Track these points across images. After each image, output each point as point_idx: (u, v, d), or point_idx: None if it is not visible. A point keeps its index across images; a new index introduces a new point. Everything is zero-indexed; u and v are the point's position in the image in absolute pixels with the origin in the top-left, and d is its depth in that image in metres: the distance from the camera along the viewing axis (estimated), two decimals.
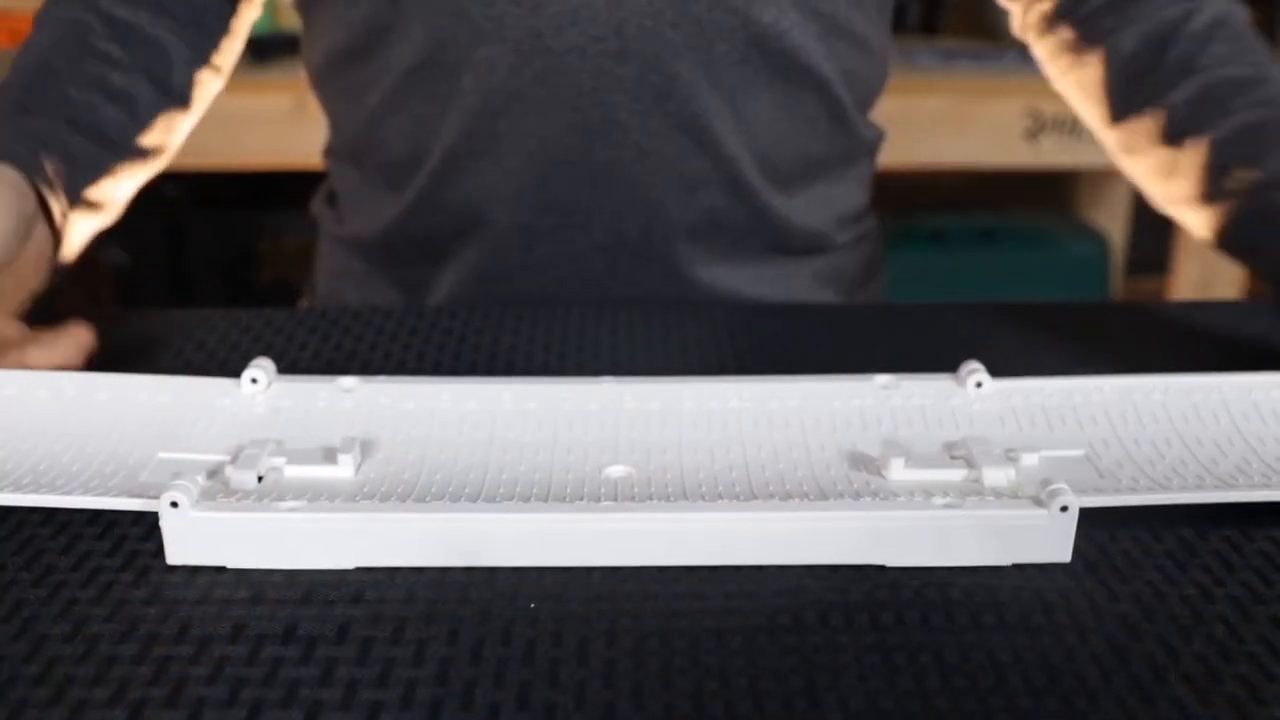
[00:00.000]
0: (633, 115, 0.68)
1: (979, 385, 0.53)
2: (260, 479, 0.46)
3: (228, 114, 1.67)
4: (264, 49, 1.63)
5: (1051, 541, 0.44)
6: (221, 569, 0.43)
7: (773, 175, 0.73)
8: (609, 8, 0.65)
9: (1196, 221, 0.66)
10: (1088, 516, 0.44)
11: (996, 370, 0.54)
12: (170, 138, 0.71)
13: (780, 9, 0.67)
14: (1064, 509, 0.43)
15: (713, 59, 0.67)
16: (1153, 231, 2.21)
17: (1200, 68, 0.64)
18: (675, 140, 0.69)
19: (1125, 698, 0.38)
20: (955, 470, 0.47)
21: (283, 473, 0.47)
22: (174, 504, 0.43)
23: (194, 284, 2.10)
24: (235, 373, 0.53)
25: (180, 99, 0.71)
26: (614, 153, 0.69)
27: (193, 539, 0.43)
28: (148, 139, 0.68)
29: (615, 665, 0.39)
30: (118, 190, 0.66)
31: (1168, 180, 0.67)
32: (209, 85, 0.74)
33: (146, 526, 0.46)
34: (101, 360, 0.56)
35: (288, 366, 0.60)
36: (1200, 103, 0.64)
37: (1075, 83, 0.72)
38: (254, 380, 0.52)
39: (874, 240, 0.85)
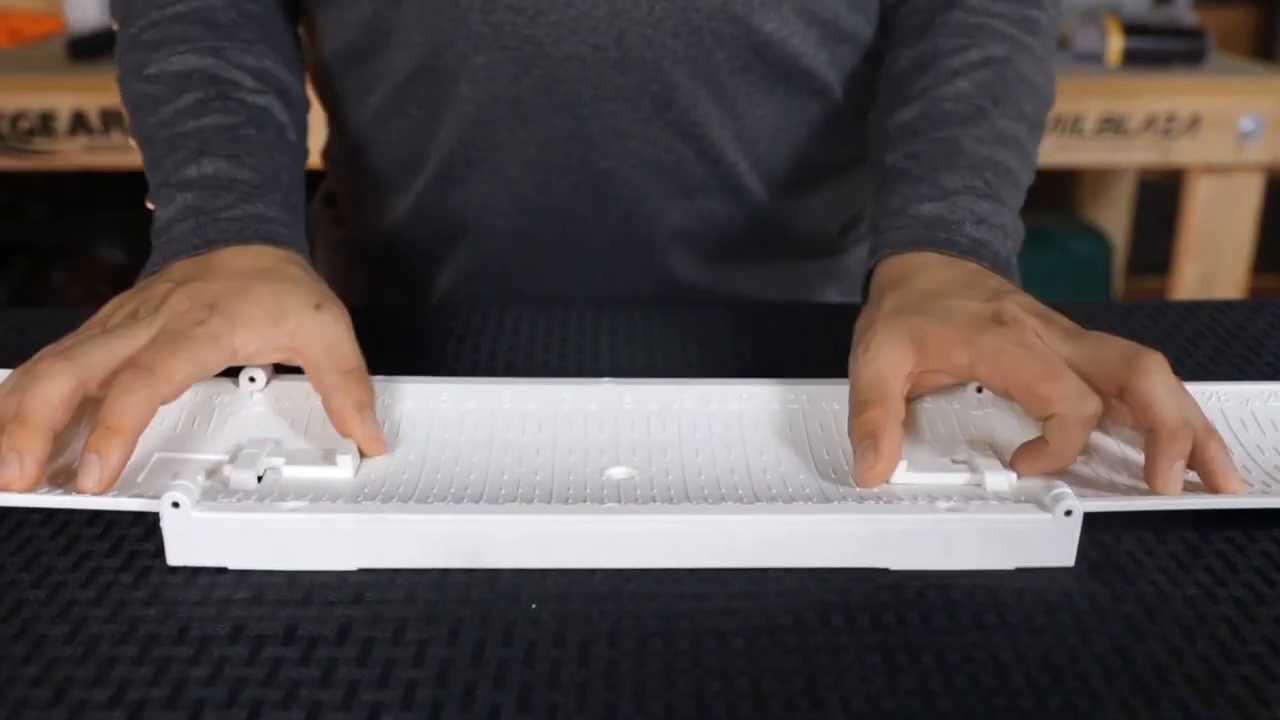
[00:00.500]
0: (633, 124, 0.68)
1: (980, 390, 0.53)
2: (260, 479, 0.46)
3: None
4: None
5: (1055, 545, 0.44)
6: (221, 570, 0.43)
7: (773, 181, 0.73)
8: (609, 17, 0.65)
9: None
10: (1090, 518, 0.44)
11: None
12: None
13: (782, 16, 0.67)
14: (1068, 513, 0.43)
15: (713, 68, 0.67)
16: (1154, 231, 2.21)
17: (930, 96, 0.63)
18: (675, 149, 0.69)
19: (1128, 698, 0.37)
20: (958, 474, 0.47)
21: (281, 473, 0.47)
22: (175, 504, 0.42)
23: None
24: (232, 372, 0.53)
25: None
26: (613, 161, 0.69)
27: (194, 539, 0.43)
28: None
29: (617, 666, 0.39)
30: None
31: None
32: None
33: (146, 527, 0.45)
34: None
35: (286, 366, 0.59)
36: (908, 125, 0.63)
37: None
38: (252, 379, 0.52)
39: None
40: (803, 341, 0.65)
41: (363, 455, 0.49)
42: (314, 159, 0.83)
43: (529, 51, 0.66)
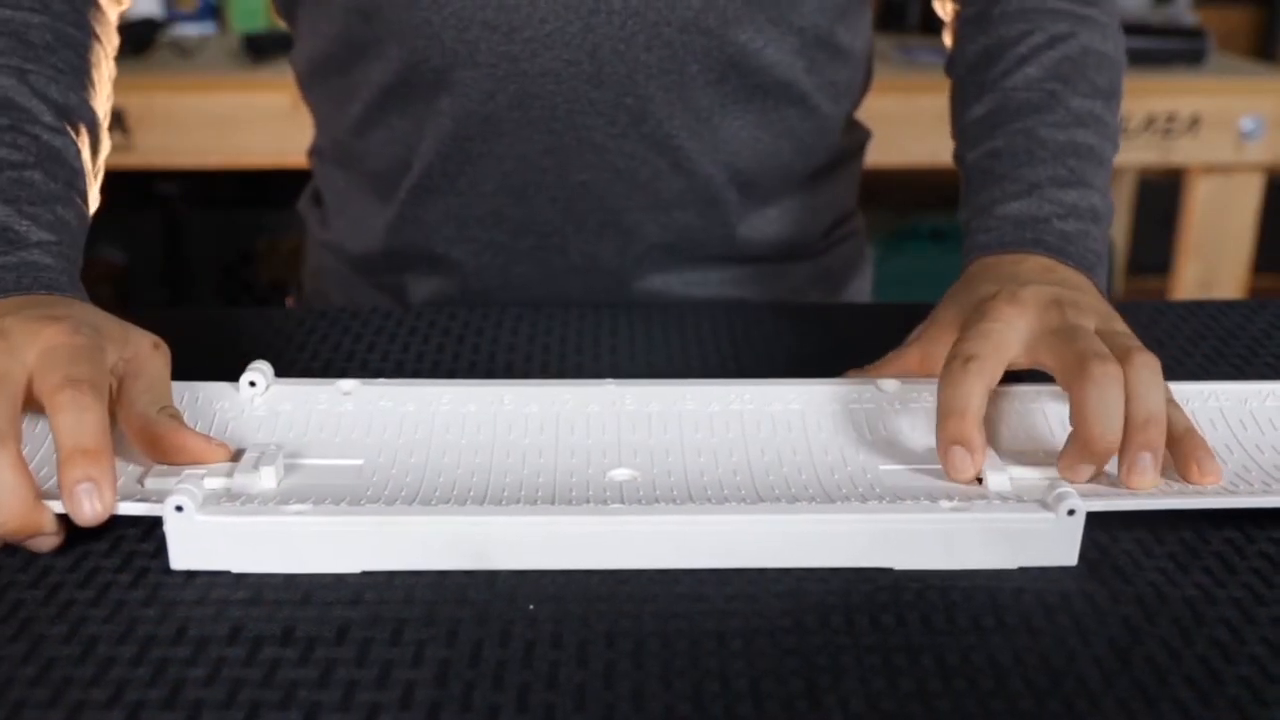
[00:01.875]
0: (607, 138, 0.68)
1: None
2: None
3: (225, 113, 1.67)
4: (260, 48, 1.62)
5: (1058, 545, 0.44)
6: (220, 570, 0.43)
7: (750, 192, 0.73)
8: (583, 32, 0.65)
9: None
10: (1088, 519, 0.44)
11: None
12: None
13: (756, 27, 0.67)
14: (1071, 513, 0.43)
15: (686, 81, 0.67)
16: (1154, 231, 2.21)
17: (1001, 87, 0.63)
18: (650, 162, 0.69)
19: (1127, 699, 0.37)
20: None
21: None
22: (179, 508, 0.42)
23: (192, 283, 2.10)
24: (232, 373, 0.52)
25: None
26: (589, 175, 0.69)
27: (198, 543, 0.43)
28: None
29: (615, 667, 0.39)
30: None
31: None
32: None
33: (144, 528, 0.45)
34: None
35: (285, 367, 0.59)
36: (984, 120, 0.63)
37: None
38: (252, 383, 0.52)
39: (858, 238, 0.85)
40: (801, 342, 0.65)
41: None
42: (300, 158, 0.84)
43: (505, 67, 0.66)
